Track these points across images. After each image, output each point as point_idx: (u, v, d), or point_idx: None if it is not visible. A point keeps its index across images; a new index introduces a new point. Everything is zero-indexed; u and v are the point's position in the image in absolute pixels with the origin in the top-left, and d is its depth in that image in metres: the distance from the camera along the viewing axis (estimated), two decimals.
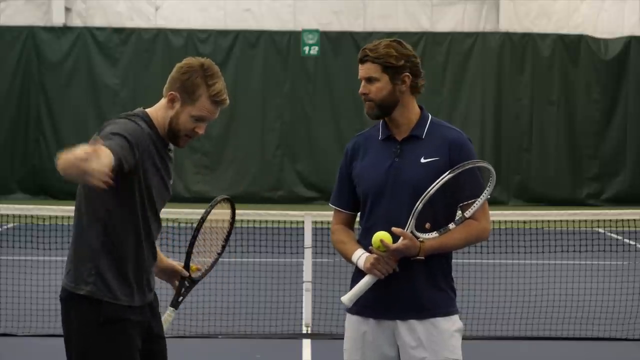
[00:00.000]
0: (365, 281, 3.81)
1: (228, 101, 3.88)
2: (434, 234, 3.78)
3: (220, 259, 4.24)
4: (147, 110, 3.85)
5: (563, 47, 18.78)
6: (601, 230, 11.64)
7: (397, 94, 3.87)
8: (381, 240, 3.73)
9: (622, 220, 8.97)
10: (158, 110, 3.82)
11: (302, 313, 8.28)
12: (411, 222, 3.73)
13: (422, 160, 3.84)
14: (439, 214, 3.82)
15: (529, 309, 8.48)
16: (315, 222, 8.65)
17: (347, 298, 3.85)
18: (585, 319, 8.32)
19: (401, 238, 3.73)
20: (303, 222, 8.37)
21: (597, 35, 18.85)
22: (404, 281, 3.81)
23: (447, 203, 3.84)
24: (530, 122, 18.82)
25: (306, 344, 7.70)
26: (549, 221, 8.71)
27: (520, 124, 18.76)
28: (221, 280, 8.72)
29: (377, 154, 3.92)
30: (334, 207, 4.08)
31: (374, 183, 3.89)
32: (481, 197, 3.82)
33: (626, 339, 7.93)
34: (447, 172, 3.71)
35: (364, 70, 3.88)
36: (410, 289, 3.83)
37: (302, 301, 8.43)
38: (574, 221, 9.12)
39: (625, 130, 18.87)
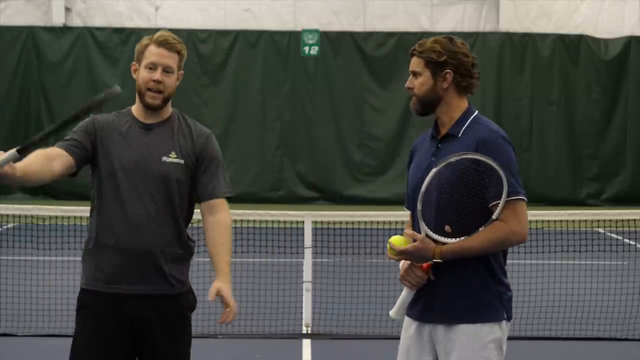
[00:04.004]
0: (406, 292, 3.79)
1: (179, 46, 3.99)
2: (462, 239, 3.65)
3: None
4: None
5: (563, 47, 18.79)
6: (601, 230, 11.63)
7: (439, 91, 3.79)
8: (390, 243, 3.70)
9: (622, 220, 8.97)
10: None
11: (302, 313, 8.27)
12: (422, 225, 3.64)
13: (452, 160, 3.72)
14: (467, 216, 3.67)
15: (529, 309, 8.48)
16: (315, 222, 8.64)
17: (394, 311, 3.84)
18: (585, 319, 8.31)
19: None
20: (303, 222, 8.36)
21: (597, 35, 18.86)
22: (436, 286, 3.73)
23: (475, 205, 3.68)
24: (530, 122, 18.83)
25: (306, 344, 7.69)
26: (549, 221, 8.70)
27: (520, 124, 18.76)
28: None
29: (422, 153, 3.88)
30: (406, 209, 4.00)
31: (415, 183, 3.82)
32: (502, 196, 3.66)
33: (626, 339, 7.92)
34: (434, 167, 3.64)
35: (411, 64, 3.84)
36: (442, 294, 3.74)
37: (302, 301, 8.42)
38: (574, 221, 9.11)
39: (625, 130, 18.87)
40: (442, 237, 3.66)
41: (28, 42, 18.45)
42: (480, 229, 3.66)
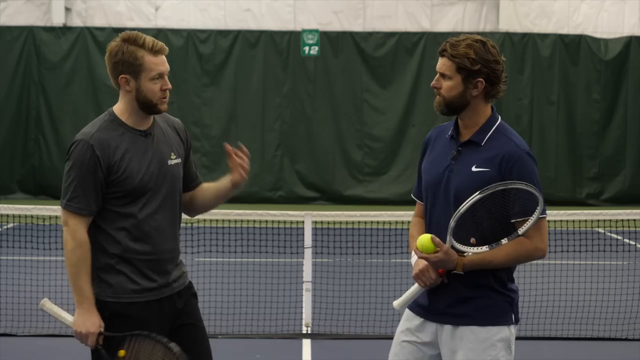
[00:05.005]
0: (415, 288, 3.79)
1: (165, 46, 3.93)
2: (484, 249, 3.67)
3: (220, 259, 4.27)
4: (114, 107, 3.98)
5: (563, 47, 18.78)
6: (601, 230, 11.65)
7: (468, 97, 3.76)
8: (416, 247, 3.70)
9: (622, 220, 8.98)
10: (120, 105, 3.95)
11: (302, 313, 8.28)
12: (448, 238, 3.64)
13: (473, 169, 3.72)
14: (486, 229, 3.70)
15: (529, 309, 8.48)
16: (315, 222, 8.65)
17: (398, 303, 3.84)
18: (585, 319, 8.32)
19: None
20: (303, 222, 8.37)
21: (597, 35, 18.86)
22: (448, 287, 3.75)
23: (496, 218, 3.69)
24: (530, 122, 18.82)
25: (306, 344, 7.69)
26: (549, 221, 8.70)
27: (520, 124, 18.76)
28: (221, 280, 8.72)
29: (440, 151, 3.86)
30: (414, 197, 4.03)
31: (431, 181, 3.82)
32: (533, 215, 3.69)
33: (626, 339, 7.93)
34: (477, 193, 3.60)
35: (439, 63, 3.78)
36: (453, 296, 3.76)
37: (302, 301, 8.42)
38: (574, 221, 9.12)
39: (625, 130, 18.87)
40: (465, 247, 3.68)
41: (28, 42, 18.44)
42: (502, 241, 3.68)
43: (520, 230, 3.69)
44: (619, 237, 11.63)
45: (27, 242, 9.62)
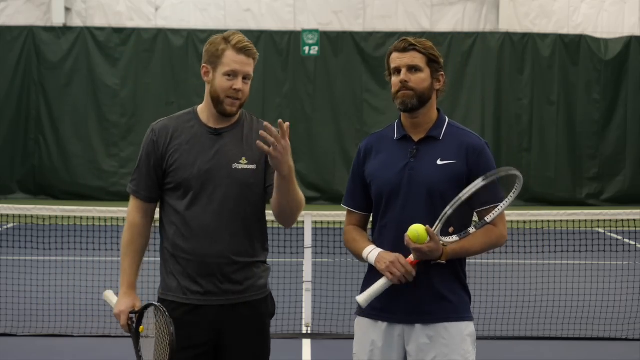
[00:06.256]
0: (382, 282, 3.73)
1: (255, 51, 3.85)
2: (454, 238, 3.72)
3: None
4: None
5: (563, 47, 18.79)
6: (601, 230, 11.65)
7: (432, 91, 3.82)
8: (408, 238, 3.65)
9: (622, 220, 8.98)
10: (204, 99, 3.94)
11: (302, 313, 8.28)
12: (439, 226, 3.66)
13: (439, 163, 3.76)
14: (455, 218, 3.72)
15: (529, 309, 8.48)
16: (315, 222, 8.64)
17: (363, 299, 3.76)
18: (585, 319, 8.31)
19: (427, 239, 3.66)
20: (303, 222, 8.36)
21: (597, 35, 18.86)
22: (416, 284, 3.74)
23: (463, 207, 3.72)
24: (530, 122, 18.83)
25: (306, 344, 7.69)
26: (549, 221, 8.71)
27: (520, 124, 18.77)
28: None
29: (391, 154, 3.85)
30: (346, 207, 4.01)
31: (388, 183, 3.81)
32: (503, 203, 3.74)
33: (626, 339, 7.92)
34: (480, 179, 3.62)
35: (407, 58, 3.77)
36: (423, 293, 3.77)
37: (302, 301, 8.42)
38: (574, 221, 9.12)
39: (625, 130, 18.88)
40: (442, 237, 3.70)
41: (28, 42, 18.45)
42: (470, 229, 3.74)
43: (488, 218, 3.76)
44: (619, 237, 11.64)
45: (27, 242, 9.62)
